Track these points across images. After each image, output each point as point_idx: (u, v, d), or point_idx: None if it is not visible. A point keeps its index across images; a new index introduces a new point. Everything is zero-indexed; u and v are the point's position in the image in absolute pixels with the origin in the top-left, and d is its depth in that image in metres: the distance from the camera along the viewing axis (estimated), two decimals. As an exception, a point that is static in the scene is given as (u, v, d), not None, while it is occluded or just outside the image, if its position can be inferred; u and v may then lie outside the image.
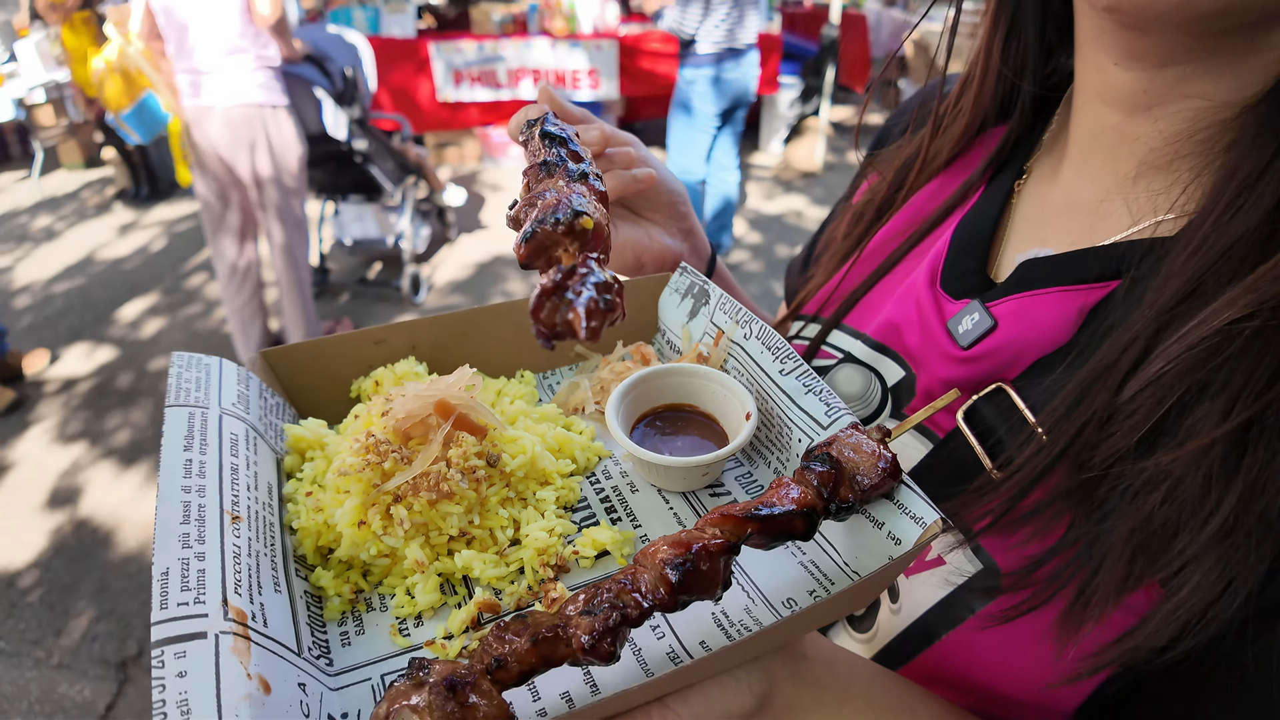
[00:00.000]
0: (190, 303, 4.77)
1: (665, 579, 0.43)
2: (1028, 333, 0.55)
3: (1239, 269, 0.45)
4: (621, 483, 0.63)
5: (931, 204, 0.69)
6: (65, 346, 4.35)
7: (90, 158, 7.39)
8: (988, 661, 0.53)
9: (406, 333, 0.69)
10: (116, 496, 3.20)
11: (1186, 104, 0.51)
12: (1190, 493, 0.44)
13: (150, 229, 5.96)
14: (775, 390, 0.61)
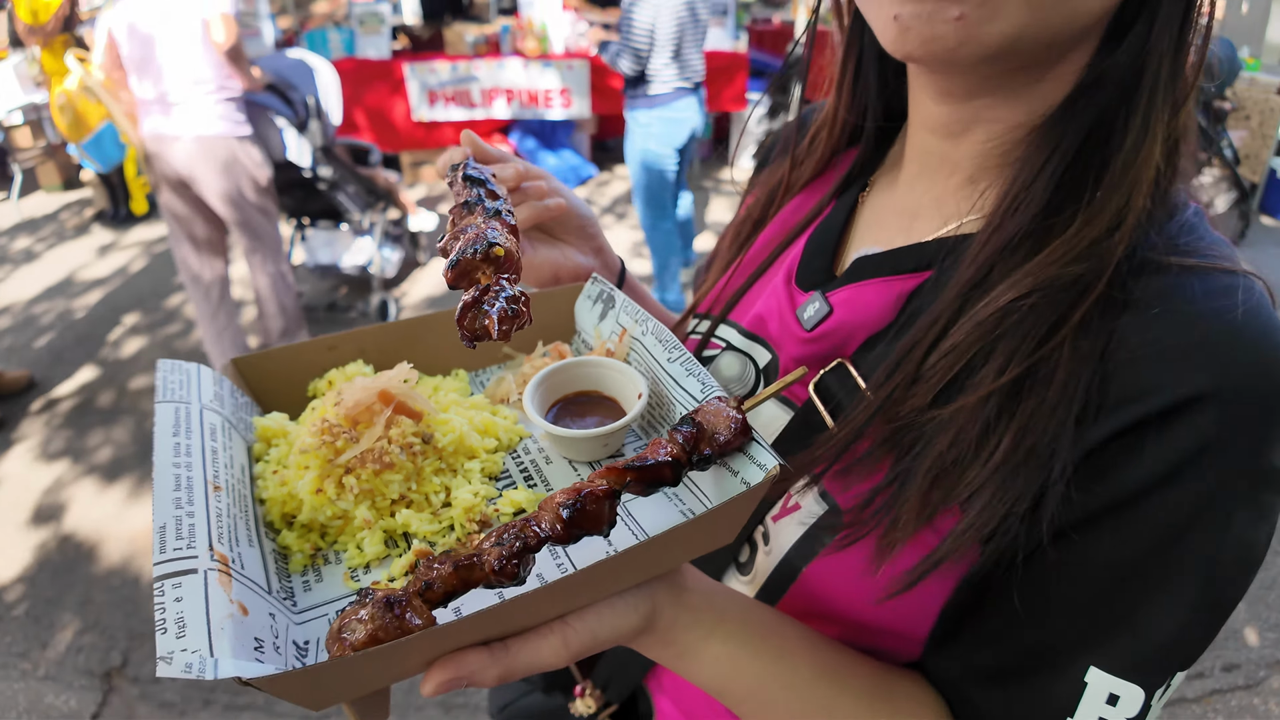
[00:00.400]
0: (169, 322, 4.85)
1: (559, 516, 0.52)
2: (858, 316, 0.66)
3: (1018, 257, 0.56)
4: (538, 457, 0.74)
5: (795, 217, 0.80)
6: (46, 367, 4.41)
7: (69, 179, 7.42)
8: (838, 589, 0.63)
9: (355, 340, 0.80)
10: (100, 512, 3.28)
11: (988, 128, 0.62)
12: (971, 435, 0.54)
13: (129, 250, 6.02)
14: (664, 375, 0.72)
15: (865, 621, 0.65)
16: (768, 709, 0.61)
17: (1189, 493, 0.51)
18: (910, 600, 0.60)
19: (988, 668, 0.59)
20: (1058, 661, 0.56)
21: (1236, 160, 5.87)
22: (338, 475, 0.64)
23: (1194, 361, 0.51)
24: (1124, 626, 0.54)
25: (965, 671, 0.61)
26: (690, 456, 0.58)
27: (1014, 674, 0.58)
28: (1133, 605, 0.54)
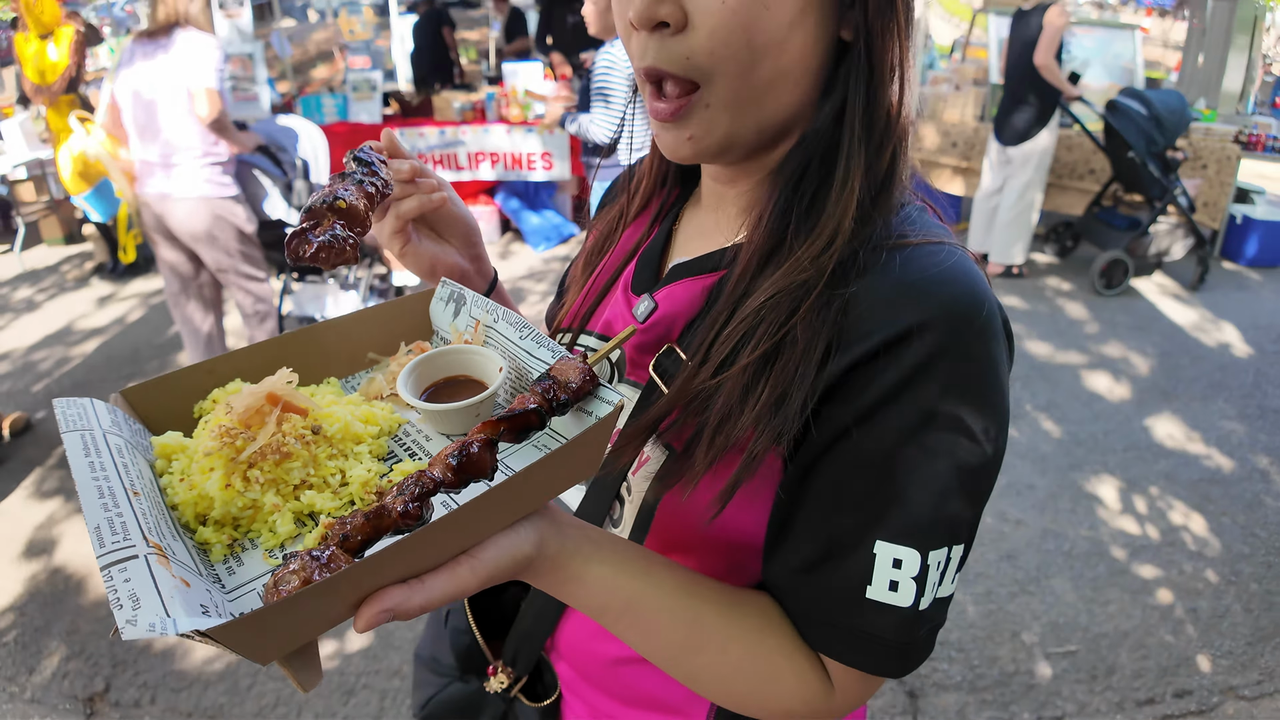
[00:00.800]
0: (163, 369, 5.01)
1: (449, 465, 0.60)
2: (676, 308, 0.85)
3: (770, 266, 0.76)
4: (419, 436, 0.81)
5: (629, 242, 1.00)
6: (43, 410, 4.58)
7: (70, 233, 7.67)
8: (684, 519, 0.79)
9: (231, 361, 0.84)
10: (88, 548, 3.40)
11: (745, 180, 0.85)
12: (736, 394, 0.71)
13: (127, 301, 6.23)
14: (520, 352, 0.82)
15: (714, 545, 0.82)
16: (643, 622, 0.73)
17: (919, 395, 0.67)
18: (738, 521, 0.78)
19: (801, 562, 0.74)
20: (850, 543, 0.70)
21: (1192, 208, 6.12)
22: (242, 470, 0.69)
23: (907, 303, 0.68)
24: (894, 505, 0.69)
25: (785, 571, 0.75)
26: (551, 404, 0.68)
27: (821, 561, 0.72)
28: (897, 488, 0.69)
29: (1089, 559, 3.32)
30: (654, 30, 0.69)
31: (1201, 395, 4.74)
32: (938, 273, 0.70)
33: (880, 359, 0.68)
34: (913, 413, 0.68)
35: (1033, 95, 5.83)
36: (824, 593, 0.73)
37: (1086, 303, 6.06)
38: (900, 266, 0.71)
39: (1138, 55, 7.42)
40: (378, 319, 0.92)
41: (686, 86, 0.71)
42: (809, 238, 0.74)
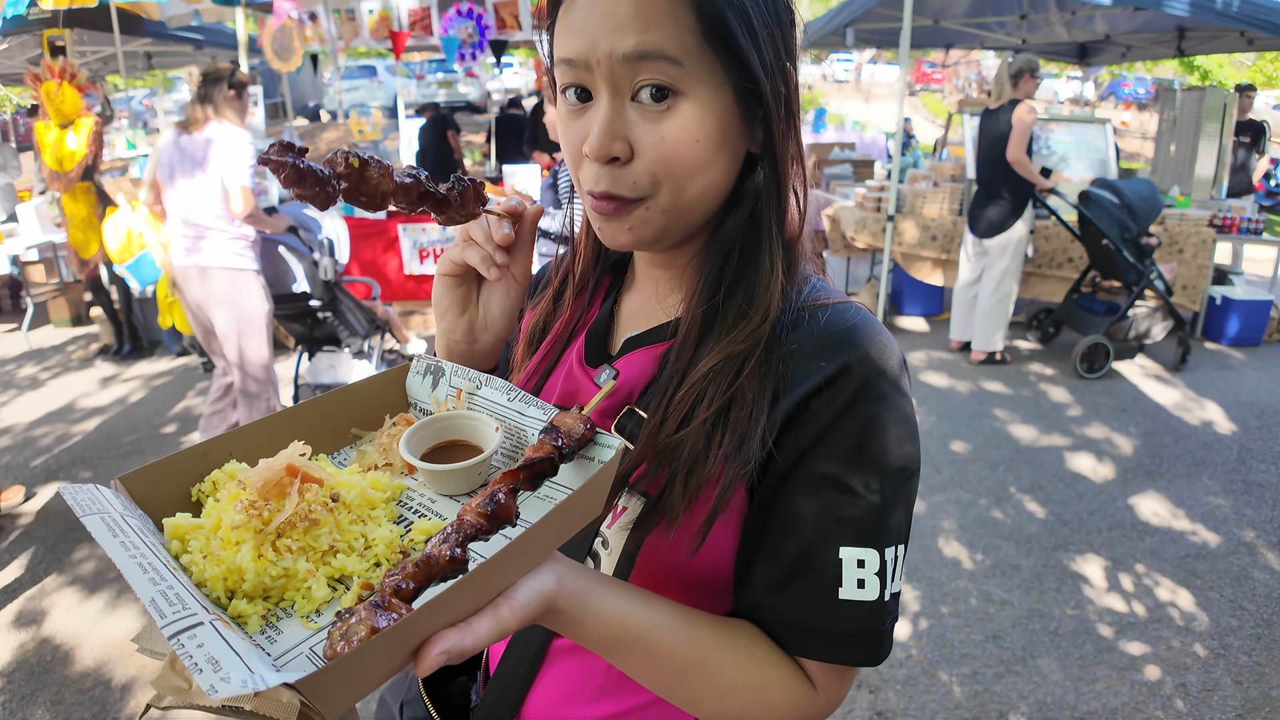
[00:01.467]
0: (161, 449, 5.09)
1: (482, 513, 0.65)
2: (635, 375, 0.94)
3: (711, 335, 0.89)
4: (424, 499, 0.84)
5: (568, 324, 1.08)
6: (41, 484, 4.64)
7: (77, 315, 7.85)
8: (663, 561, 0.87)
9: (224, 443, 0.85)
10: (77, 621, 3.43)
11: (677, 263, 0.97)
12: (701, 442, 0.82)
13: (130, 383, 6.34)
14: (510, 413, 0.88)
15: (687, 583, 0.90)
16: (651, 651, 0.79)
17: (855, 420, 0.82)
18: (713, 555, 0.87)
19: (775, 579, 0.84)
20: (816, 554, 0.82)
21: (1169, 291, 6.31)
22: (271, 540, 0.71)
23: (836, 348, 0.84)
24: (850, 512, 0.81)
25: (760, 591, 0.85)
26: (561, 451, 0.74)
27: (793, 574, 0.83)
28: (851, 498, 0.81)
29: (1076, 638, 3.32)
30: (606, 163, 0.82)
31: (1186, 473, 4.79)
32: (852, 324, 0.86)
33: (824, 393, 0.82)
34: (855, 431, 0.82)
35: (1004, 189, 6.07)
36: (800, 601, 0.83)
37: (1069, 387, 6.16)
38: (823, 323, 0.87)
39: (1110, 148, 7.75)
40: (357, 396, 0.96)
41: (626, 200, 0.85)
42: (745, 311, 0.88)
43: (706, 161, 0.83)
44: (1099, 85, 22.33)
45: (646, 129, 0.80)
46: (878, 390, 0.83)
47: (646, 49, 0.77)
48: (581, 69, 0.81)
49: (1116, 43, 10.01)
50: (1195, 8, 6.51)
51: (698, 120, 0.80)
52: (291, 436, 0.87)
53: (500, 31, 6.71)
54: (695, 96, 0.80)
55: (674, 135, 0.80)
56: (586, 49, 0.79)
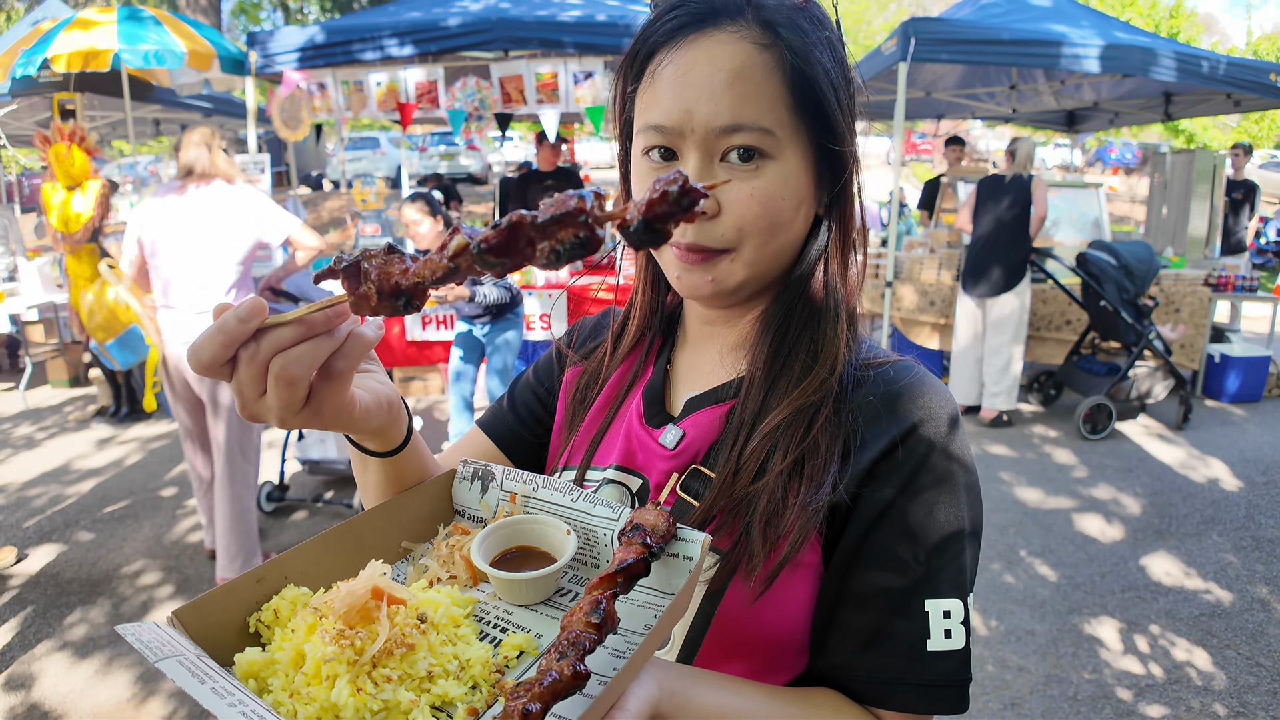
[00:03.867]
0: (156, 513, 5.02)
1: (591, 623, 0.65)
2: (701, 433, 0.94)
3: (776, 392, 0.90)
4: (500, 610, 0.82)
5: (621, 381, 1.08)
6: (34, 546, 4.56)
7: (75, 376, 7.83)
8: (738, 615, 0.86)
9: (278, 568, 0.81)
10: (67, 687, 3.32)
11: (741, 321, 0.99)
12: (779, 493, 0.84)
13: (126, 445, 6.28)
14: (577, 514, 0.86)
15: (759, 645, 0.88)
16: None
17: (931, 476, 0.85)
18: (787, 614, 0.87)
19: (860, 638, 0.85)
20: (902, 609, 0.83)
21: (1168, 351, 6.34)
22: (367, 671, 0.67)
23: (906, 406, 0.88)
24: (933, 565, 0.84)
25: (844, 650, 0.86)
26: (650, 550, 0.73)
27: (879, 633, 0.84)
28: (933, 550, 0.84)
29: (1095, 702, 3.24)
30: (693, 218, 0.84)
31: (1195, 531, 4.75)
32: (917, 382, 0.91)
33: (899, 450, 0.86)
34: (931, 486, 0.85)
35: (1004, 254, 6.18)
36: (890, 656, 0.83)
37: (1073, 448, 6.15)
38: (888, 381, 0.90)
39: (1103, 211, 7.88)
40: (404, 508, 0.93)
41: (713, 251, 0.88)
42: (811, 366, 0.91)
43: (789, 219, 0.87)
44: (1086, 152, 22.85)
45: (734, 187, 0.84)
46: (949, 446, 0.87)
47: (743, 122, 0.81)
48: (673, 135, 0.85)
49: (1105, 109, 10.26)
50: (1182, 72, 6.69)
51: (784, 180, 0.84)
52: (346, 555, 0.86)
53: (506, 105, 6.88)
54: (783, 159, 0.84)
55: (762, 193, 0.84)
56: (681, 119, 0.83)
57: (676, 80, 0.83)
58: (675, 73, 0.83)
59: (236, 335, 0.65)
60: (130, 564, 4.37)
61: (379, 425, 0.85)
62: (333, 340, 0.70)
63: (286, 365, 0.67)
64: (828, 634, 0.87)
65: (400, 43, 6.46)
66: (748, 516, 0.85)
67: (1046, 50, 6.52)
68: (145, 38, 6.33)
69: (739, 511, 0.86)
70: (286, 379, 0.67)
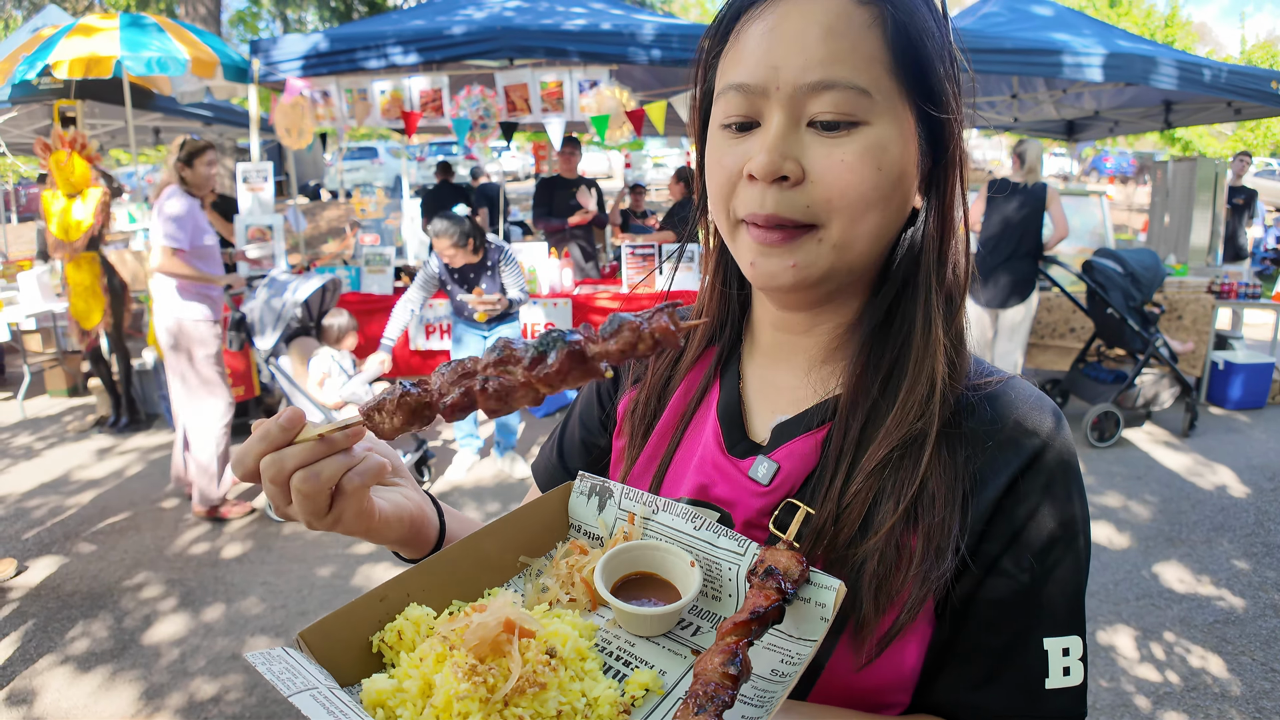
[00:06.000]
0: (158, 524, 4.96)
1: (729, 674, 0.62)
2: (797, 465, 0.84)
3: (878, 415, 0.81)
4: (621, 641, 0.78)
5: (686, 399, 0.97)
6: (33, 558, 4.50)
7: (74, 386, 7.77)
8: (846, 673, 0.79)
9: (399, 586, 0.79)
10: (69, 701, 3.26)
11: (824, 327, 0.88)
12: (891, 554, 0.75)
13: (126, 455, 6.22)
14: (699, 544, 0.81)
15: (869, 694, 0.82)
16: None
17: (1052, 511, 0.79)
18: (894, 664, 0.80)
19: (976, 678, 0.80)
20: (1021, 647, 0.78)
21: (1174, 358, 6.33)
22: (499, 709, 0.65)
23: (1026, 434, 0.80)
24: (1052, 602, 0.78)
25: (960, 690, 0.81)
26: (785, 596, 0.69)
27: (998, 671, 0.79)
28: (1052, 588, 0.78)
29: (1114, 711, 3.21)
30: (773, 183, 0.75)
31: (1206, 538, 4.72)
32: (1027, 406, 0.83)
33: (1020, 485, 0.79)
34: (1053, 520, 0.79)
35: (1016, 265, 6.15)
36: (1008, 695, 0.79)
37: (1081, 456, 6.03)
38: (1004, 405, 0.82)
39: (1107, 220, 7.88)
40: (521, 522, 0.90)
41: (797, 225, 0.77)
42: (912, 385, 0.81)
43: (885, 195, 0.76)
44: (1082, 161, 22.94)
45: (822, 152, 0.74)
46: (1069, 477, 0.81)
47: (835, 79, 0.72)
48: (756, 95, 0.76)
49: (1105, 118, 10.30)
50: (1184, 80, 6.71)
51: (880, 147, 0.74)
52: (467, 572, 0.84)
53: (511, 114, 6.86)
54: (879, 125, 0.75)
55: (854, 160, 0.74)
56: (767, 76, 0.74)
57: (764, 35, 0.75)
58: (763, 28, 0.75)
59: (278, 440, 0.72)
60: (132, 576, 4.31)
61: (400, 536, 0.87)
62: (349, 458, 0.75)
63: (305, 478, 0.72)
64: (941, 672, 0.82)
65: (405, 51, 6.44)
66: (854, 574, 0.77)
67: (1049, 59, 6.53)
68: (148, 44, 6.31)
69: (841, 563, 0.79)
70: (306, 491, 0.72)
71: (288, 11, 20.02)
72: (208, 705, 3.25)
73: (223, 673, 3.46)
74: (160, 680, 3.40)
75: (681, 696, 0.69)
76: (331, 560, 4.48)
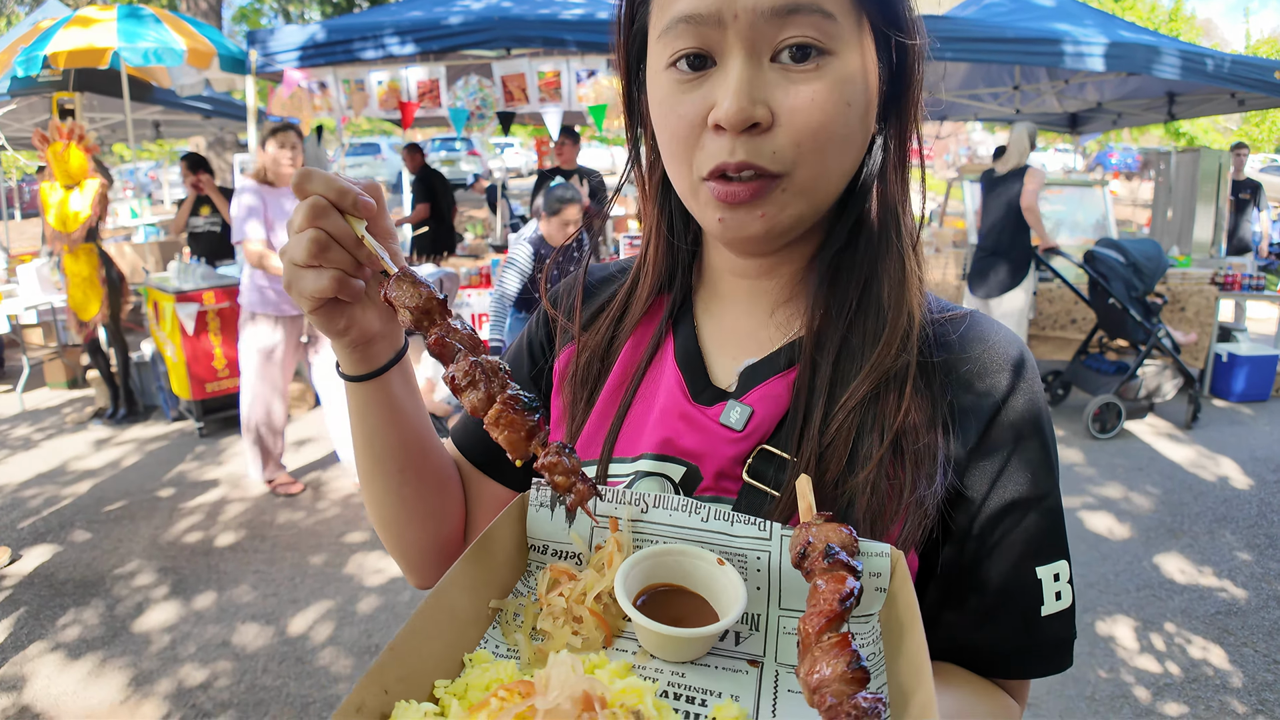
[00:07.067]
0: (153, 514, 4.94)
1: (858, 677, 0.55)
2: (771, 408, 0.80)
3: (843, 351, 0.79)
4: (667, 675, 0.67)
5: (637, 354, 0.92)
6: (28, 546, 4.48)
7: (73, 379, 7.76)
8: None
9: (373, 683, 0.61)
10: (59, 688, 3.24)
11: (784, 269, 0.85)
12: (883, 486, 0.73)
13: (124, 446, 6.20)
14: (715, 536, 0.71)
15: None
16: None
17: (1031, 443, 0.79)
18: None
19: (976, 615, 0.79)
20: (1017, 580, 0.78)
21: (1176, 349, 6.27)
22: None
23: (999, 367, 0.80)
24: (1041, 531, 0.79)
25: (960, 630, 0.80)
26: (857, 572, 0.62)
27: (994, 606, 0.79)
28: (1035, 518, 0.78)
29: (1113, 702, 3.17)
30: (742, 131, 0.70)
31: (1208, 529, 4.68)
32: (995, 339, 0.82)
33: (1000, 418, 0.79)
34: (1033, 451, 0.79)
35: (1007, 251, 6.11)
36: (1008, 630, 0.79)
37: (1082, 447, 6.07)
38: (966, 337, 0.82)
39: (1109, 210, 7.83)
40: (483, 558, 0.75)
41: (764, 174, 0.72)
42: (885, 321, 0.79)
43: (853, 131, 0.72)
44: (1086, 156, 22.86)
45: (791, 91, 0.69)
46: (1039, 403, 0.81)
47: (800, 1, 0.67)
48: (708, 27, 0.69)
49: (1108, 110, 10.23)
50: (1187, 70, 6.65)
51: (849, 80, 0.70)
52: (443, 639, 0.68)
53: (508, 104, 6.82)
54: (846, 55, 0.70)
55: (824, 98, 0.69)
56: (721, 3, 0.68)
57: None
58: None
59: (339, 201, 0.72)
60: (126, 565, 4.29)
61: (372, 331, 0.82)
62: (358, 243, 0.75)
63: (326, 227, 0.72)
64: (939, 614, 0.80)
65: (401, 41, 6.41)
66: (846, 512, 0.74)
67: (1051, 48, 6.47)
68: (144, 35, 6.28)
69: (830, 502, 0.75)
70: (321, 242, 0.72)
71: (290, 8, 20.01)
72: (196, 692, 3.23)
73: (212, 660, 3.44)
74: (150, 667, 3.38)
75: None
76: (324, 548, 4.46)
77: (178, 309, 5.95)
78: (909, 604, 0.62)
